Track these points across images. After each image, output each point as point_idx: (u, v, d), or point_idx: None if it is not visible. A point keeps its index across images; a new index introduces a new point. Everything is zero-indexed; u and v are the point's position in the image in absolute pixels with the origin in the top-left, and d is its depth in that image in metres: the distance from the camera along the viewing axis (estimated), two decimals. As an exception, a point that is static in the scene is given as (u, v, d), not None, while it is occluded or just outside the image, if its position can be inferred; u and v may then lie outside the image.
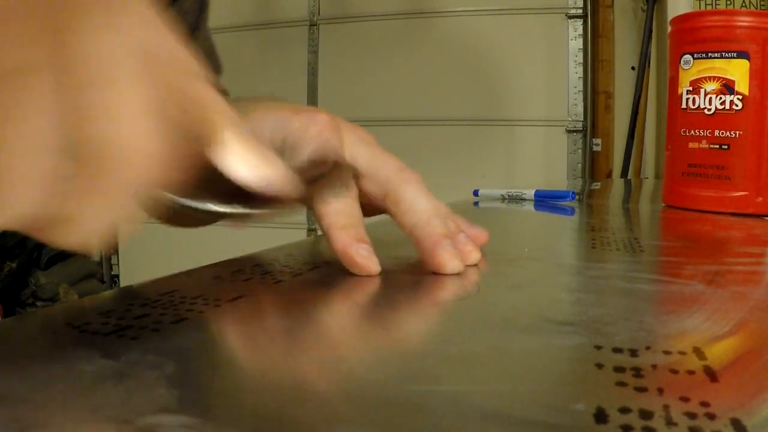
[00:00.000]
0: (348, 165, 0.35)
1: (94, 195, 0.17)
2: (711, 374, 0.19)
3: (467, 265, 0.34)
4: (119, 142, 0.17)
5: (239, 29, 2.37)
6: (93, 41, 0.17)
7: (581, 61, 2.09)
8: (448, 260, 0.33)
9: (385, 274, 0.32)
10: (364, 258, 0.32)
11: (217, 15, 0.63)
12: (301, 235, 2.18)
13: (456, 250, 0.34)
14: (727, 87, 0.65)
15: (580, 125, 2.11)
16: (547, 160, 2.15)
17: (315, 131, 0.35)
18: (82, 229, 0.18)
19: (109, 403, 0.17)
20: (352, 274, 0.32)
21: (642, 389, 0.18)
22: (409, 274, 0.33)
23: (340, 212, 0.33)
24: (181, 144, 0.19)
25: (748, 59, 0.64)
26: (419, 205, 0.35)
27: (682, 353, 0.21)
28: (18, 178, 0.16)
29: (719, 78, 0.66)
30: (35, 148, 0.16)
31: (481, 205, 0.73)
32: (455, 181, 1.91)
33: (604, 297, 0.30)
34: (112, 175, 0.17)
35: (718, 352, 0.22)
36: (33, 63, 0.16)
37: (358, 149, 0.36)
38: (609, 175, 2.09)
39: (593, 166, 2.12)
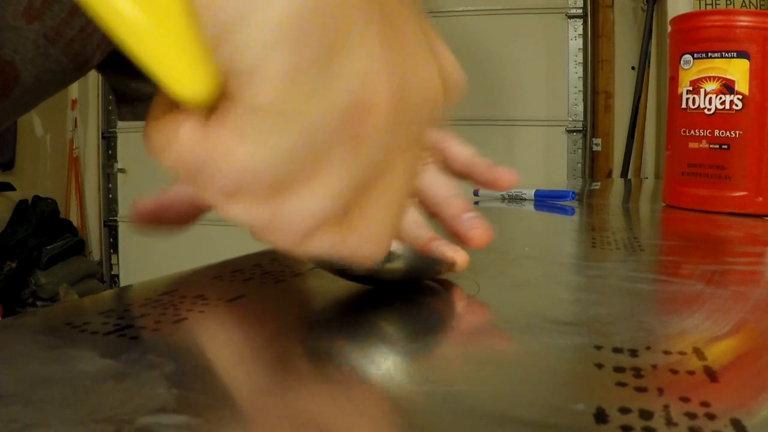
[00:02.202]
0: None
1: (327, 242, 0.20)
2: (711, 374, 0.19)
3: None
4: (370, 236, 0.21)
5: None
6: (401, 166, 0.21)
7: (581, 61, 2.09)
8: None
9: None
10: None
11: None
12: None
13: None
14: (727, 87, 0.65)
15: (580, 125, 2.11)
16: (547, 160, 2.15)
17: None
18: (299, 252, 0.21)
19: (109, 403, 0.17)
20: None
21: (642, 389, 0.18)
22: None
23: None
24: None
25: (748, 59, 0.64)
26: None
27: (682, 353, 0.21)
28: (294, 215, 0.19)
29: (719, 78, 0.66)
30: (317, 204, 0.19)
31: (481, 204, 0.73)
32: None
33: (604, 297, 0.30)
34: (351, 250, 0.21)
35: (718, 352, 0.22)
36: (364, 158, 0.19)
37: None
38: (609, 174, 2.09)
39: (593, 166, 2.12)
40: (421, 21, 0.21)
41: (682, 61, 0.68)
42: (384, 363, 0.21)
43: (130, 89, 0.57)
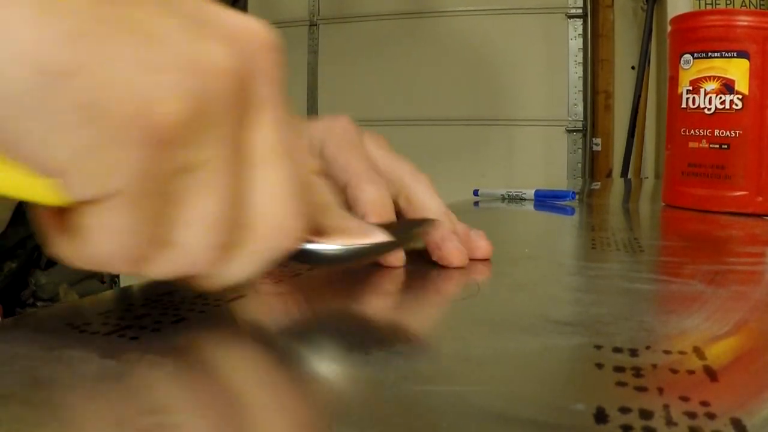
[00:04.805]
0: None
1: (244, 258, 0.22)
2: (711, 374, 0.19)
3: (477, 260, 0.36)
4: (274, 220, 0.21)
5: (239, 29, 2.36)
6: (262, 137, 0.21)
7: (581, 60, 2.09)
8: (456, 255, 0.34)
9: (385, 275, 0.32)
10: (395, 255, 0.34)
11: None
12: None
13: (461, 247, 0.35)
14: (727, 86, 0.65)
15: (580, 125, 2.11)
16: (547, 159, 2.15)
17: (339, 128, 0.36)
18: (224, 281, 0.22)
19: (109, 403, 0.17)
20: (352, 275, 0.32)
21: (642, 389, 0.18)
22: (409, 275, 0.33)
23: (375, 201, 0.33)
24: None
25: (748, 59, 0.64)
26: (431, 204, 0.36)
27: (682, 353, 0.21)
28: (189, 249, 0.20)
29: (719, 77, 0.66)
30: (205, 227, 0.20)
31: (481, 205, 0.73)
32: (455, 181, 1.91)
33: (604, 297, 0.30)
34: (265, 245, 0.22)
35: (718, 352, 0.22)
36: (209, 157, 0.19)
37: (375, 151, 0.37)
38: (609, 174, 2.09)
39: (593, 166, 2.12)
40: None
41: (681, 61, 0.68)
42: (384, 363, 0.21)
43: None
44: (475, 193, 0.79)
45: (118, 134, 0.17)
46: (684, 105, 0.68)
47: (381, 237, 0.27)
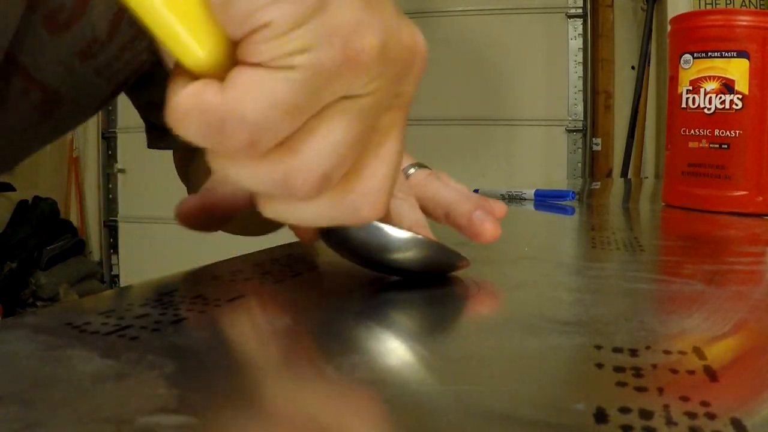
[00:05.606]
0: None
1: (329, 204, 0.23)
2: (711, 374, 0.19)
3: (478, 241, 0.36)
4: (374, 186, 0.23)
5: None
6: (395, 115, 0.24)
7: (581, 60, 2.09)
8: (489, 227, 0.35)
9: (384, 276, 0.32)
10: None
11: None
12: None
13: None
14: (727, 86, 0.65)
15: (580, 125, 2.11)
16: (547, 159, 2.15)
17: None
18: (300, 220, 0.23)
19: (109, 403, 0.17)
20: (352, 275, 0.32)
21: (642, 389, 0.18)
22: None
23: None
24: None
25: (748, 59, 0.64)
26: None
27: (682, 353, 0.21)
28: (305, 160, 0.21)
29: (719, 77, 0.66)
30: (331, 148, 0.21)
31: (481, 204, 0.73)
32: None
33: (604, 297, 0.30)
34: (356, 202, 0.23)
35: (718, 352, 0.22)
36: (368, 93, 0.21)
37: None
38: (609, 174, 2.09)
39: (593, 166, 2.12)
40: None
41: (681, 61, 0.68)
42: (382, 363, 0.21)
43: (160, 120, 0.59)
44: (475, 191, 0.79)
45: (321, 50, 0.19)
46: (684, 105, 0.68)
47: (441, 245, 0.30)
